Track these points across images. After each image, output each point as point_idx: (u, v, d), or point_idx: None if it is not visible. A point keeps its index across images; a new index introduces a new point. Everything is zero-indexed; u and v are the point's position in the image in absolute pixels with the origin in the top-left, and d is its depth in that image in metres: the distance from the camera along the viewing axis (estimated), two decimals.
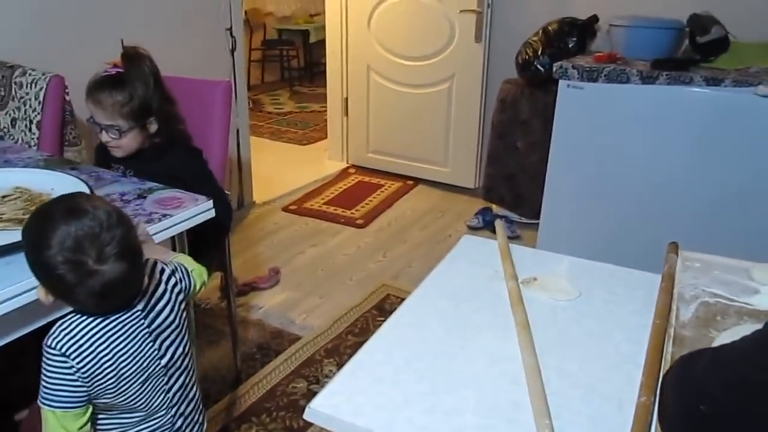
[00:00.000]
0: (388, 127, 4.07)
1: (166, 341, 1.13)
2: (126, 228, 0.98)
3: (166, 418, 1.17)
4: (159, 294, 1.11)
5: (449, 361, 0.98)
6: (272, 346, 2.33)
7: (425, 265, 2.97)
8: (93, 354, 1.02)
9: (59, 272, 0.93)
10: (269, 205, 3.69)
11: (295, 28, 7.19)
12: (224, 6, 3.07)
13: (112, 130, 1.64)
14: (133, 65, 1.64)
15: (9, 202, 1.41)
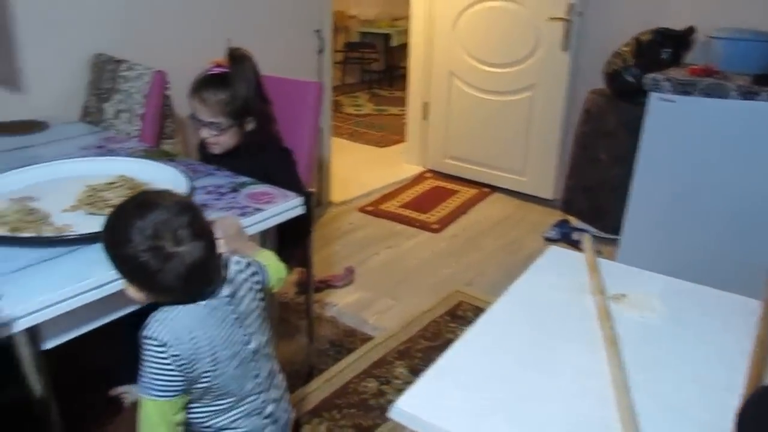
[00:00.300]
0: (467, 133, 4.06)
1: (250, 327, 1.18)
2: (194, 213, 1.05)
3: (256, 403, 1.21)
4: (241, 281, 1.17)
5: (534, 372, 0.97)
6: (345, 344, 2.36)
7: (499, 274, 2.95)
8: (189, 341, 1.06)
9: (142, 260, 0.99)
10: (346, 205, 3.74)
11: (377, 32, 7.26)
12: (315, 8, 3.14)
13: (213, 126, 1.71)
14: (238, 65, 1.71)
15: (114, 189, 1.49)
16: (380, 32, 7.23)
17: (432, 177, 4.25)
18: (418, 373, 2.13)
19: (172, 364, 1.05)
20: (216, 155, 1.82)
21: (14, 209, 1.38)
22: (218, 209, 1.46)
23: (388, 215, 3.60)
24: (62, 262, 1.19)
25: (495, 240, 3.33)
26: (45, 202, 1.45)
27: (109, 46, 2.30)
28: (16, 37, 2.12)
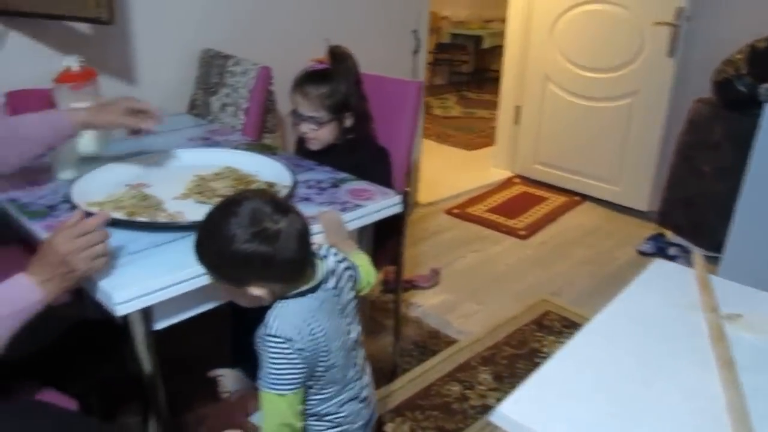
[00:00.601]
0: (560, 139, 3.97)
1: (349, 317, 1.22)
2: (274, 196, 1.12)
3: (355, 389, 1.24)
4: (341, 272, 1.21)
5: (642, 388, 0.94)
6: (429, 346, 2.36)
7: (588, 285, 2.86)
8: (308, 334, 1.09)
9: (252, 249, 1.01)
10: (433, 206, 3.73)
11: (468, 33, 7.22)
12: (413, 8, 3.15)
13: (313, 120, 1.75)
14: (339, 62, 1.74)
15: (221, 179, 1.55)
16: (471, 34, 7.18)
17: (520, 182, 4.19)
18: (503, 380, 2.13)
19: (298, 357, 1.07)
20: (312, 151, 1.86)
21: (130, 195, 1.45)
22: (319, 203, 1.49)
23: (474, 219, 3.57)
24: (175, 247, 1.25)
25: (584, 250, 3.24)
26: (157, 189, 1.52)
27: (217, 42, 2.39)
28: (132, 32, 2.23)
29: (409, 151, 1.98)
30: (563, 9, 3.72)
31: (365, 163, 1.77)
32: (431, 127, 5.54)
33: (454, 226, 3.50)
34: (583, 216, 3.70)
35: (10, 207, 1.43)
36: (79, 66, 1.71)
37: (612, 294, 1.24)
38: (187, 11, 2.36)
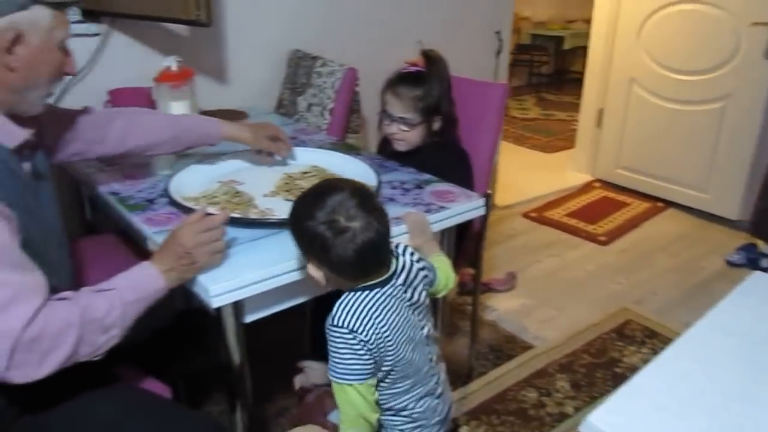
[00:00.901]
0: (644, 143, 3.84)
1: (421, 314, 1.22)
2: (366, 196, 1.09)
3: (431, 384, 1.25)
4: (415, 272, 1.21)
5: (742, 405, 0.90)
6: (504, 350, 2.34)
7: (673, 294, 2.77)
8: (373, 325, 1.11)
9: (319, 231, 1.05)
10: (509, 209, 3.69)
11: (549, 34, 7.09)
12: (497, 9, 3.13)
13: (403, 122, 1.76)
14: (433, 66, 1.75)
15: (308, 178, 1.59)
16: (553, 35, 7.05)
17: (601, 187, 4.08)
18: (580, 389, 2.09)
19: (363, 348, 1.10)
20: (395, 152, 1.88)
21: (223, 191, 1.51)
22: (403, 204, 1.50)
23: (552, 223, 3.51)
24: (266, 243, 1.29)
25: (669, 258, 3.13)
26: (247, 186, 1.57)
27: (305, 43, 2.44)
28: (225, 34, 2.31)
29: (491, 153, 1.97)
30: (652, 9, 3.60)
31: (447, 165, 1.78)
32: (509, 128, 5.48)
33: (531, 229, 3.45)
34: (667, 223, 3.57)
35: (111, 199, 1.52)
36: (177, 66, 1.79)
37: (698, 305, 1.21)
38: (277, 13, 2.42)
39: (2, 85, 1.05)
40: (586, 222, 3.52)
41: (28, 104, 1.11)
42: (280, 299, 1.30)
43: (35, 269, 1.00)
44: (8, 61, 1.03)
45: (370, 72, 2.19)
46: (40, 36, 1.06)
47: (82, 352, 1.01)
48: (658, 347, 2.32)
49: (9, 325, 0.92)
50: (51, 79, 1.13)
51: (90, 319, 1.00)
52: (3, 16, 1.00)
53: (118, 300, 1.05)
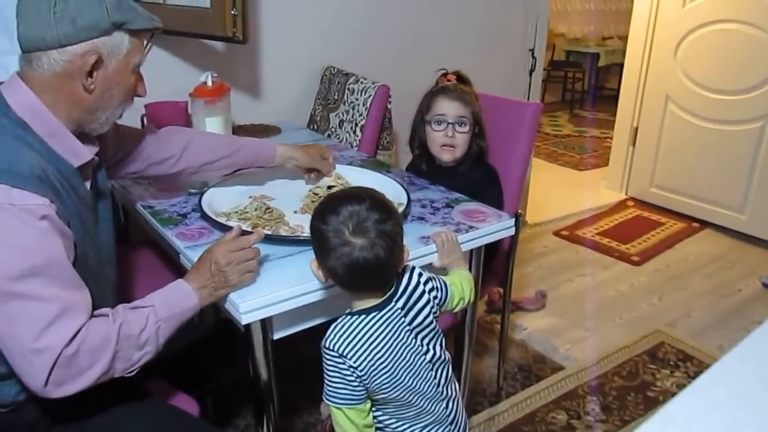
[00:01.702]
0: (679, 162, 3.78)
1: (426, 338, 1.19)
2: (385, 215, 1.07)
3: (438, 411, 1.23)
4: (418, 295, 1.17)
5: None
6: (534, 371, 2.31)
7: (708, 317, 2.71)
8: (365, 352, 1.10)
9: (327, 235, 1.06)
10: (540, 227, 3.66)
11: (584, 51, 7.04)
12: (530, 27, 3.12)
13: (460, 121, 1.80)
14: (467, 83, 1.78)
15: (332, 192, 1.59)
16: (588, 51, 7.00)
17: (634, 206, 4.03)
18: (611, 412, 2.06)
19: (352, 374, 1.10)
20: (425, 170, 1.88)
21: (254, 207, 1.52)
22: (432, 224, 1.50)
23: (584, 242, 3.46)
24: (296, 260, 1.29)
25: (704, 280, 3.06)
26: (278, 201, 1.59)
27: (338, 60, 2.47)
28: (260, 50, 2.35)
29: (523, 172, 1.96)
30: (690, 28, 3.56)
31: (477, 183, 1.77)
32: (541, 145, 5.44)
33: (562, 248, 3.42)
34: (702, 244, 3.50)
35: (145, 213, 1.54)
36: (213, 82, 1.82)
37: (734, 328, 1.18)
38: (311, 30, 2.45)
39: (78, 104, 1.09)
40: (619, 241, 3.47)
41: (98, 123, 1.15)
42: (309, 316, 1.30)
43: (83, 287, 1.03)
44: (87, 84, 1.07)
45: (403, 89, 2.20)
46: (118, 60, 1.10)
47: (118, 368, 1.03)
48: (692, 371, 2.27)
49: (52, 342, 0.94)
50: (123, 101, 1.17)
51: (126, 336, 1.02)
52: (88, 40, 1.04)
53: (153, 317, 1.07)
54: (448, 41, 2.85)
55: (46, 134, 1.06)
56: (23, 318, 0.94)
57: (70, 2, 1.03)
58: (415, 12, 2.72)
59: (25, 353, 0.94)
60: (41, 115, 1.06)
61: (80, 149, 1.12)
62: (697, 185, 3.70)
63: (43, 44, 1.03)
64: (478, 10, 2.93)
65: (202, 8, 1.82)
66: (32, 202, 0.96)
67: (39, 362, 0.94)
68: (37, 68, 1.05)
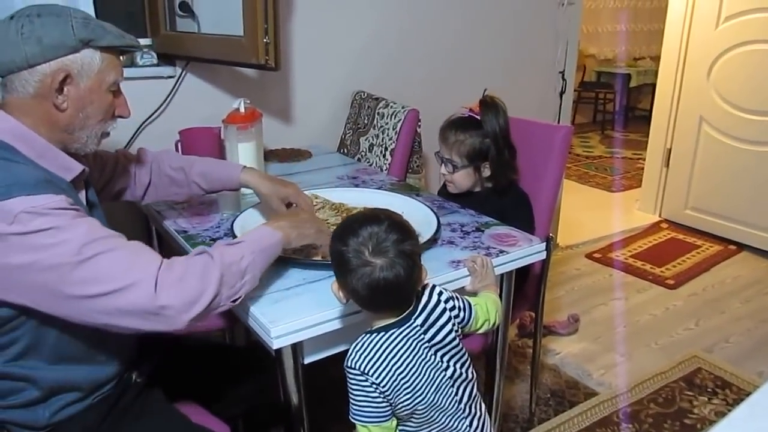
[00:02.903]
0: (715, 184, 3.72)
1: (446, 355, 1.19)
2: (403, 235, 1.08)
3: (463, 427, 1.22)
4: (438, 312, 1.17)
5: None
6: (567, 396, 2.27)
7: (747, 343, 2.64)
8: (387, 368, 1.11)
9: (347, 256, 1.07)
10: (572, 249, 3.62)
11: (614, 71, 7.00)
12: (561, 49, 3.12)
13: (448, 164, 1.81)
14: (487, 114, 1.76)
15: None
16: (619, 72, 6.96)
17: (668, 228, 3.96)
18: None
19: (375, 391, 1.11)
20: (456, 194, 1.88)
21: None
22: (463, 248, 1.50)
23: (617, 264, 3.41)
24: (326, 285, 1.28)
25: (742, 305, 2.99)
26: None
27: (368, 85, 2.50)
28: (291, 76, 2.39)
29: (554, 195, 1.95)
30: (723, 49, 3.52)
31: (507, 210, 1.76)
32: (572, 166, 5.40)
33: (595, 271, 3.37)
34: (740, 267, 3.43)
35: (179, 237, 1.57)
36: (245, 108, 1.85)
37: None
38: (341, 56, 2.49)
39: (55, 125, 1.11)
40: (653, 264, 3.42)
41: (80, 143, 1.17)
42: (339, 341, 1.30)
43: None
44: (58, 102, 1.09)
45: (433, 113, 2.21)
46: (89, 78, 1.11)
47: (224, 294, 1.07)
48: (731, 398, 2.21)
49: (145, 273, 1.00)
50: (102, 119, 1.18)
51: (228, 263, 1.08)
52: (55, 59, 1.07)
53: (248, 249, 1.13)
54: (478, 65, 2.87)
55: (35, 155, 1.08)
56: (103, 271, 0.98)
57: (36, 23, 1.05)
58: (445, 36, 2.74)
59: (124, 295, 0.98)
60: (26, 137, 1.08)
61: (70, 163, 1.14)
62: (733, 207, 3.63)
63: (14, 66, 1.05)
64: (508, 34, 2.94)
65: (236, 36, 1.86)
66: (51, 201, 0.99)
67: (141, 293, 0.99)
68: (12, 92, 1.08)
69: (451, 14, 2.73)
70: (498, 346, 1.65)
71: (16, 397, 1.12)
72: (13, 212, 0.95)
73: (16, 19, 1.06)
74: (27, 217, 0.96)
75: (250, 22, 1.80)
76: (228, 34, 1.90)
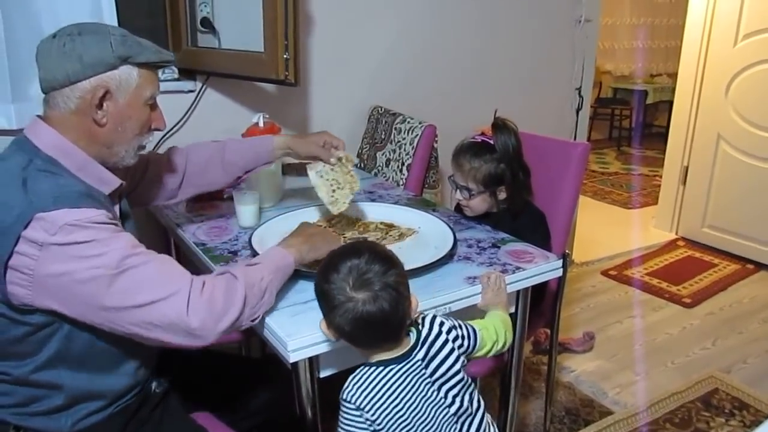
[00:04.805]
0: (732, 201, 3.69)
1: (452, 390, 1.15)
2: (385, 266, 1.06)
3: None
4: (440, 344, 1.14)
5: None
6: (581, 414, 2.26)
7: (765, 363, 2.61)
8: (384, 405, 1.09)
9: (331, 293, 1.06)
10: (588, 266, 3.61)
11: (631, 88, 6.98)
12: (577, 67, 3.13)
13: (464, 191, 1.77)
14: (500, 137, 1.74)
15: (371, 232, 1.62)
16: (635, 88, 6.94)
17: (685, 246, 3.93)
18: None
19: (368, 428, 1.09)
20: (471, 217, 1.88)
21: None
22: (479, 263, 1.50)
23: (633, 282, 3.39)
24: None
25: (760, 325, 2.96)
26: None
27: (385, 100, 2.52)
28: (310, 91, 2.41)
29: (570, 212, 1.94)
30: (741, 67, 3.51)
31: (523, 230, 1.75)
32: (588, 183, 5.39)
33: (611, 288, 3.35)
34: (758, 286, 3.39)
35: (198, 250, 1.58)
36: (264, 123, 1.88)
37: None
38: (359, 72, 2.51)
39: (95, 139, 1.15)
40: (670, 282, 3.39)
41: (118, 157, 1.21)
42: (355, 355, 1.29)
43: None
44: (98, 117, 1.13)
45: (450, 128, 2.23)
46: (127, 93, 1.15)
47: (246, 314, 1.11)
48: (749, 420, 2.18)
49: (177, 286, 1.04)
50: (139, 133, 1.21)
51: (251, 284, 1.12)
52: (94, 75, 1.10)
53: (266, 270, 1.18)
54: (495, 81, 2.88)
55: (76, 168, 1.13)
56: (138, 283, 1.03)
57: (77, 41, 1.09)
58: (463, 52, 2.76)
59: (157, 307, 1.02)
60: (68, 151, 1.12)
61: (109, 177, 1.19)
62: (751, 226, 3.60)
63: (57, 83, 1.10)
64: (526, 51, 2.96)
65: (256, 52, 1.88)
66: (92, 215, 1.04)
67: (173, 306, 1.02)
68: (54, 107, 1.12)
69: (468, 30, 2.75)
70: (513, 362, 1.64)
71: (38, 405, 1.14)
72: (58, 224, 0.99)
73: (58, 37, 1.10)
74: (70, 228, 1.00)
75: (270, 38, 1.82)
76: (248, 50, 1.93)
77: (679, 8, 4.99)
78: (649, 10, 6.90)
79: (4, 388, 1.13)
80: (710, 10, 3.65)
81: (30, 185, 1.04)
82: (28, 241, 0.99)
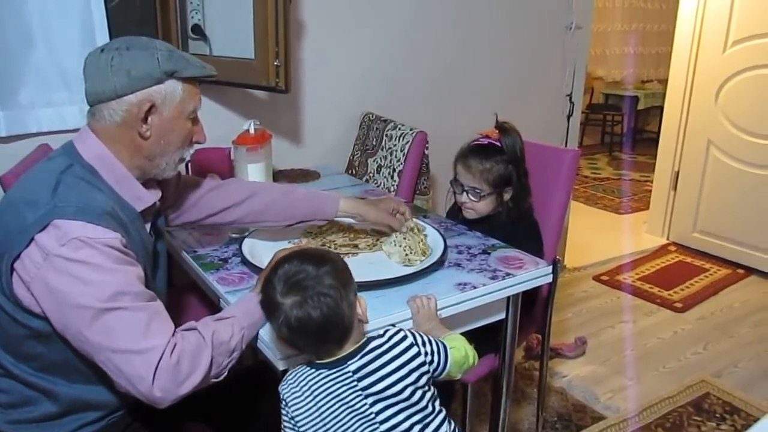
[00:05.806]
0: (723, 207, 3.71)
1: (389, 409, 1.07)
2: (317, 268, 1.05)
3: None
4: (384, 360, 1.07)
5: None
6: (573, 419, 2.26)
7: (756, 368, 2.62)
8: (304, 405, 1.08)
9: (265, 302, 1.09)
10: (579, 271, 3.62)
11: (622, 94, 7.02)
12: (568, 73, 3.14)
13: (474, 192, 1.78)
14: (507, 139, 1.76)
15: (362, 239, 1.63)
16: (626, 94, 6.98)
17: (676, 251, 3.95)
18: None
19: (290, 423, 1.10)
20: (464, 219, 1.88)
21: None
22: (470, 270, 1.50)
23: (624, 287, 3.41)
24: None
25: (751, 329, 2.97)
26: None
27: (377, 107, 2.52)
28: (301, 97, 2.42)
29: (561, 218, 1.95)
30: (731, 73, 3.54)
31: (518, 237, 1.75)
32: (580, 188, 5.41)
33: (602, 293, 3.36)
34: (748, 291, 3.41)
35: (189, 258, 1.58)
36: (255, 129, 1.88)
37: None
38: (350, 78, 2.52)
39: (138, 152, 1.17)
40: (661, 287, 3.40)
41: (159, 169, 1.22)
42: None
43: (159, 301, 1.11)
44: (143, 130, 1.14)
45: (440, 134, 2.24)
46: (171, 107, 1.16)
47: (213, 373, 1.09)
48: (740, 424, 2.20)
49: (154, 343, 1.01)
50: (181, 146, 1.23)
51: (219, 343, 1.09)
52: (142, 89, 1.12)
53: (237, 326, 1.14)
54: (486, 87, 2.89)
55: (114, 181, 1.15)
56: (121, 327, 1.00)
57: (125, 56, 1.11)
58: (453, 59, 2.77)
59: (129, 358, 0.99)
60: (109, 163, 1.14)
61: (143, 194, 1.20)
62: (742, 231, 3.62)
63: (104, 96, 1.11)
64: (516, 57, 2.97)
65: (247, 59, 1.89)
66: (105, 236, 1.04)
67: (143, 362, 0.99)
68: (100, 120, 1.14)
69: (459, 37, 2.76)
70: (504, 368, 1.65)
71: (31, 409, 1.14)
72: (69, 235, 1.00)
73: (106, 52, 1.12)
74: (79, 244, 1.00)
75: (261, 45, 1.83)
76: (239, 57, 1.93)
77: (669, 15, 5.02)
78: (640, 17, 6.94)
79: (1, 383, 1.14)
80: (700, 17, 3.68)
81: (60, 190, 1.06)
82: (38, 247, 1.00)
